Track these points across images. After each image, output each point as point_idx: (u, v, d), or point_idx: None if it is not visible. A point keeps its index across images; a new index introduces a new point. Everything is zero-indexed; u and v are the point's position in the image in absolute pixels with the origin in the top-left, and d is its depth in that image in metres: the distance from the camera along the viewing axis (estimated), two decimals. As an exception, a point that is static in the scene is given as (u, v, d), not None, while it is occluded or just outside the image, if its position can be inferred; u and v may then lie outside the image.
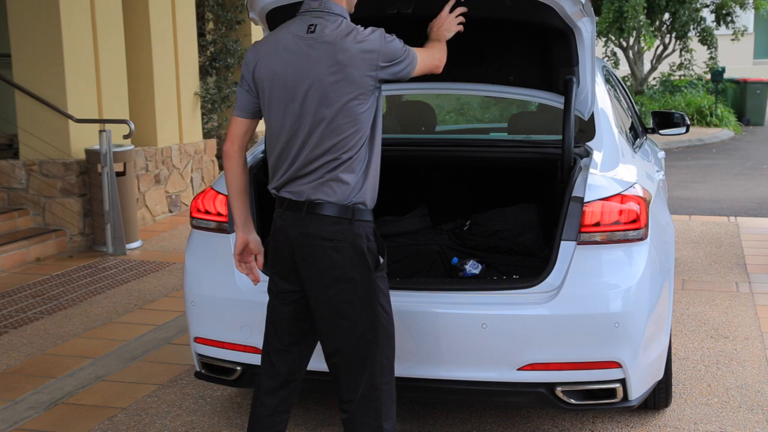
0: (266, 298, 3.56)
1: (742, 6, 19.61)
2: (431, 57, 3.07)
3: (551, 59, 3.82)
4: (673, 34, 19.81)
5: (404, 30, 3.13)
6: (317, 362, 3.20)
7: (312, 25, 2.87)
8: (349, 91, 2.83)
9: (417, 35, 3.21)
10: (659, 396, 3.91)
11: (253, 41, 11.14)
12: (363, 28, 2.88)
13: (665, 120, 5.86)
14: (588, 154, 3.73)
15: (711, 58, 19.67)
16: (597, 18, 18.84)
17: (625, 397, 3.40)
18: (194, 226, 3.84)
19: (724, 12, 19.72)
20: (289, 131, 2.90)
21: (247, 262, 3.18)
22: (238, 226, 3.12)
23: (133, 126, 7.44)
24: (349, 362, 2.95)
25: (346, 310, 2.90)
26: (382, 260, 2.95)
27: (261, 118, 3.04)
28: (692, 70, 19.90)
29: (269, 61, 2.91)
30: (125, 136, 7.43)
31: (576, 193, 3.42)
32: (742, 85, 20.19)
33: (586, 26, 3.51)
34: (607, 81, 4.66)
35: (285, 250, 2.96)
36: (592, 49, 3.65)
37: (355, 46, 2.82)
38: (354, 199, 2.89)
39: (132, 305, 5.88)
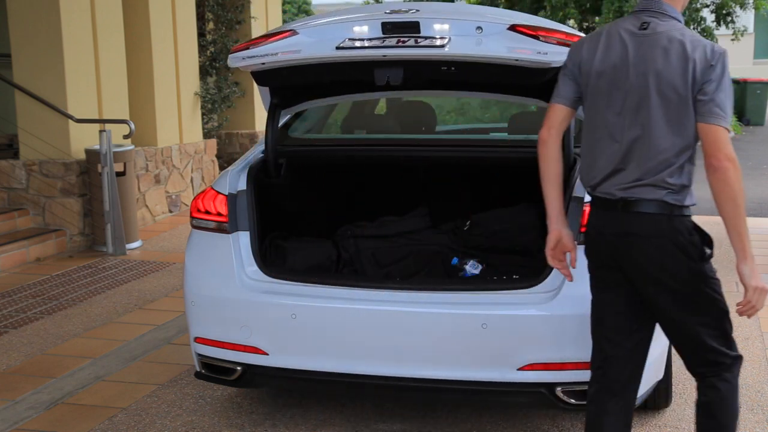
0: (265, 298, 3.58)
1: (742, 6, 19.58)
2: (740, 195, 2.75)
3: (551, 80, 3.76)
4: (673, 34, 19.77)
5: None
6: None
7: (645, 22, 2.85)
8: (673, 91, 2.76)
9: None
10: (659, 396, 3.91)
11: (253, 41, 11.14)
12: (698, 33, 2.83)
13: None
14: (588, 154, 3.72)
15: (711, 58, 19.65)
16: (597, 18, 18.86)
17: (626, 397, 3.39)
18: (194, 226, 3.84)
19: (724, 12, 19.70)
20: (612, 124, 2.85)
21: (560, 259, 3.06)
22: (551, 218, 3.01)
23: (133, 126, 7.44)
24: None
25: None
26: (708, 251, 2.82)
27: (577, 108, 3.02)
28: (692, 70, 19.88)
29: (597, 54, 2.88)
30: (125, 136, 7.43)
31: (576, 193, 3.43)
32: (742, 85, 20.19)
33: None
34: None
35: (602, 248, 2.90)
36: None
37: (687, 46, 2.76)
38: (680, 200, 2.79)
39: (132, 305, 5.88)
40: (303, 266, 3.97)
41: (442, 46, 3.34)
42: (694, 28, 19.62)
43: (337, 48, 3.44)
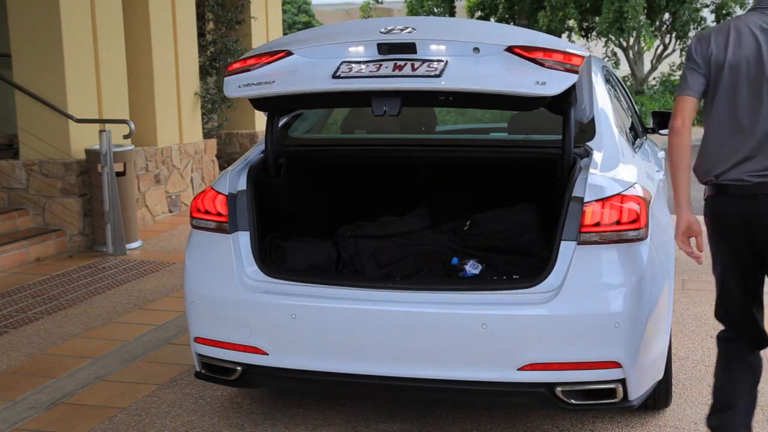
0: (265, 298, 3.58)
1: (742, 6, 19.61)
2: None
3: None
4: (673, 34, 19.82)
5: None
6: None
7: None
8: None
9: None
10: (659, 396, 3.91)
11: (253, 41, 11.14)
12: None
13: (665, 120, 5.84)
14: (588, 154, 3.72)
15: (711, 58, 19.65)
16: (597, 18, 18.87)
17: (625, 397, 3.40)
18: (194, 226, 3.84)
19: (724, 12, 19.72)
20: (743, 116, 3.06)
21: (688, 244, 3.25)
22: (682, 205, 3.20)
23: (133, 126, 7.44)
24: None
25: None
26: None
27: (702, 99, 3.20)
28: (692, 70, 19.89)
29: (729, 48, 3.07)
30: (125, 136, 7.43)
31: (576, 193, 3.42)
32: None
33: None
34: (607, 81, 4.66)
35: (739, 231, 3.14)
36: (588, 72, 3.64)
37: None
38: None
39: (132, 305, 5.88)
40: (303, 266, 3.97)
41: (439, 75, 3.35)
42: (694, 28, 19.66)
43: (333, 77, 3.46)
